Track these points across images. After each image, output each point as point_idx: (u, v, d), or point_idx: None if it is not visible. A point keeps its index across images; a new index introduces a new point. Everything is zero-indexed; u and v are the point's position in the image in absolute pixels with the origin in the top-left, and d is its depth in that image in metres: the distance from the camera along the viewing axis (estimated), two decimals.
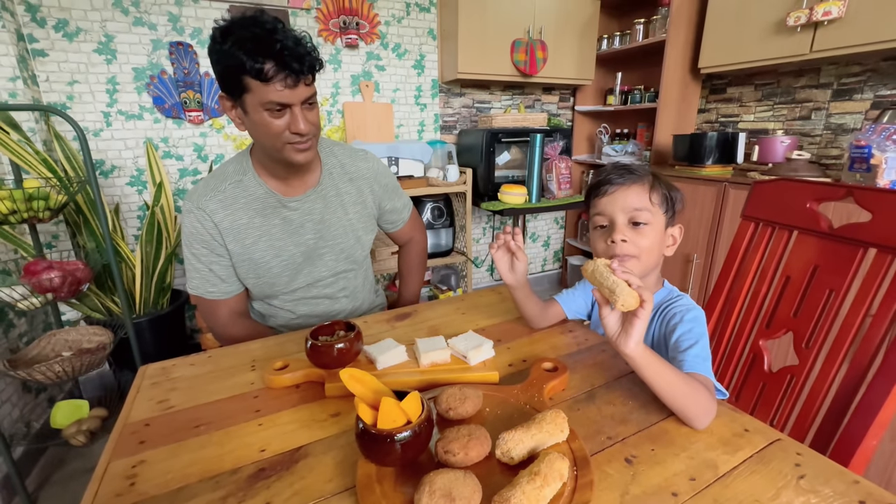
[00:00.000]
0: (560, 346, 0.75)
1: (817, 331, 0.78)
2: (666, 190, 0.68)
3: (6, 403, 1.38)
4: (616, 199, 0.68)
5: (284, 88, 0.71)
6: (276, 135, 0.75)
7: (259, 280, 0.90)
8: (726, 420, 0.55)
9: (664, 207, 0.68)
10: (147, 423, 0.57)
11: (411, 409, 0.44)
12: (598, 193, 0.71)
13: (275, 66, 0.69)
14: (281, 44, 0.68)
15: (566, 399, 0.60)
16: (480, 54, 2.13)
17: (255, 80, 0.69)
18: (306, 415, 0.58)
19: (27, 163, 1.31)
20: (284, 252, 0.89)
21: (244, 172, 0.87)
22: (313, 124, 0.78)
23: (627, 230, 0.67)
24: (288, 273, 0.91)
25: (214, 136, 1.91)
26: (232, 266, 0.88)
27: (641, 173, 0.68)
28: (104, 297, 1.62)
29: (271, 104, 0.72)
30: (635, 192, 0.67)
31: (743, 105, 2.17)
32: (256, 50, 0.67)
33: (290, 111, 0.74)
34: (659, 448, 0.50)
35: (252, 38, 0.67)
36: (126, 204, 1.83)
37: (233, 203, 0.85)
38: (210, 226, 0.84)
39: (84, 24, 1.62)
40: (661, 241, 0.69)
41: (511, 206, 2.03)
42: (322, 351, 0.62)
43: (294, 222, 0.89)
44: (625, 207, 0.67)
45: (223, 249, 0.86)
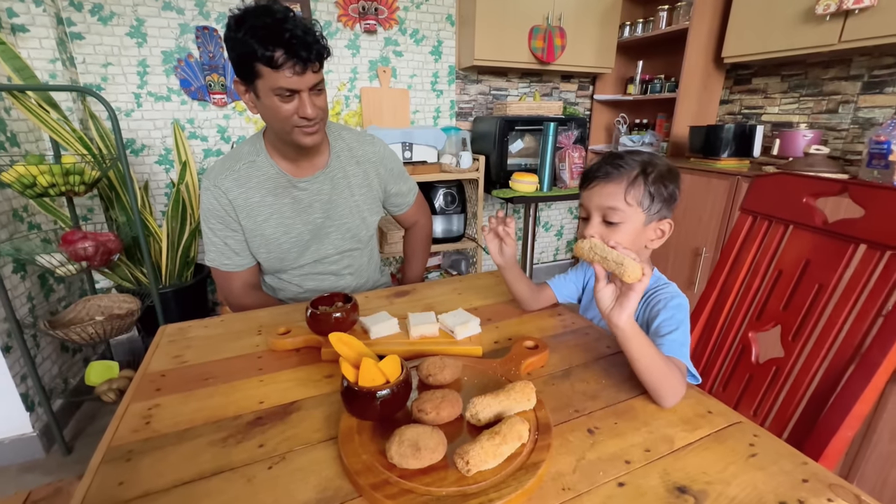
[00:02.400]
0: (546, 328, 0.79)
1: (804, 324, 0.80)
2: (654, 185, 0.67)
3: (47, 360, 1.51)
4: (592, 195, 0.70)
5: (293, 75, 0.75)
6: (286, 118, 0.80)
7: (270, 255, 0.96)
8: (692, 402, 0.58)
9: (645, 204, 0.68)
10: (163, 374, 0.64)
11: (390, 370, 0.49)
12: (582, 184, 0.73)
13: (284, 53, 0.73)
14: (290, 32, 0.72)
15: (542, 375, 0.64)
16: (497, 41, 2.13)
17: (266, 66, 0.74)
18: (303, 375, 0.64)
19: (65, 140, 1.41)
20: (293, 230, 0.95)
21: (257, 154, 0.92)
22: (321, 109, 0.82)
23: (599, 227, 0.70)
24: (296, 249, 0.97)
25: (237, 118, 1.98)
26: (245, 241, 0.95)
27: (626, 168, 0.68)
28: (133, 267, 1.73)
29: (281, 90, 0.76)
30: (610, 190, 0.68)
31: (768, 97, 2.10)
32: (267, 38, 0.72)
33: (299, 97, 0.79)
34: (622, 422, 0.54)
35: (263, 27, 0.72)
36: (154, 181, 1.94)
37: (246, 182, 0.91)
38: (225, 202, 0.90)
39: (117, 7, 1.71)
40: (638, 235, 0.70)
41: (522, 193, 2.04)
42: (320, 319, 0.68)
43: (303, 202, 0.95)
44: (599, 205, 0.69)
45: (237, 225, 0.92)
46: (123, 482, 0.44)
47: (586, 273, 0.87)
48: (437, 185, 2.15)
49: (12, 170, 1.19)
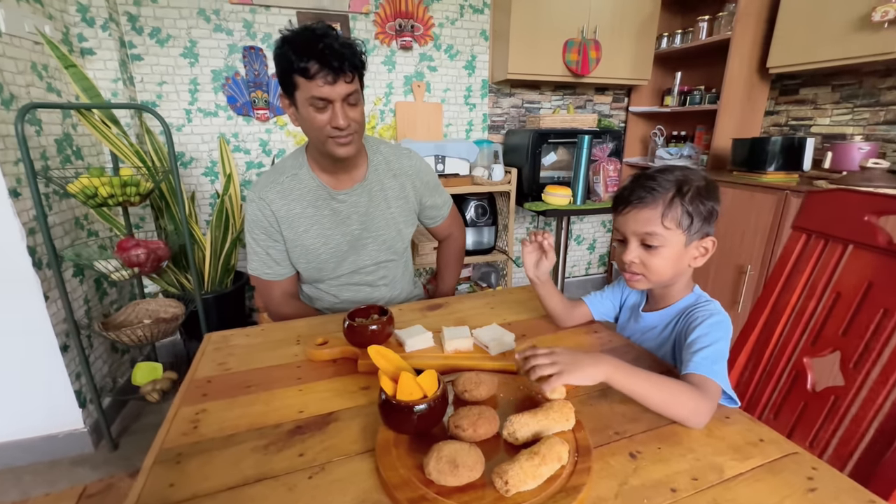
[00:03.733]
0: (583, 345, 0.77)
1: (867, 351, 0.74)
2: (692, 204, 0.65)
3: (98, 360, 1.60)
4: (628, 220, 0.69)
5: (325, 84, 0.79)
6: (319, 128, 0.83)
7: (309, 265, 0.99)
8: (742, 429, 0.55)
9: (685, 225, 0.65)
10: (209, 380, 0.66)
11: (428, 385, 0.49)
12: (615, 210, 0.72)
13: (317, 63, 0.77)
14: (324, 44, 0.77)
15: (579, 394, 0.62)
16: (531, 55, 2.14)
17: (301, 77, 0.78)
18: (340, 386, 0.65)
19: (123, 154, 1.52)
20: (332, 240, 0.98)
21: (300, 167, 0.96)
22: (354, 121, 0.85)
23: (638, 250, 0.68)
24: (334, 260, 1.00)
25: (278, 132, 2.07)
26: (286, 251, 0.98)
27: (661, 190, 0.66)
28: (179, 273, 1.83)
29: (314, 99, 0.80)
30: (646, 216, 0.66)
31: (818, 107, 2.00)
32: (303, 51, 0.77)
33: (332, 107, 0.81)
34: (666, 447, 0.52)
35: (301, 41, 0.77)
36: (200, 192, 2.04)
37: (289, 194, 0.94)
38: (269, 214, 0.94)
39: (173, 31, 1.83)
40: (680, 257, 0.68)
41: (555, 206, 2.02)
42: (357, 331, 0.69)
43: (342, 213, 0.97)
44: (635, 231, 0.68)
45: (279, 235, 0.96)
46: (174, 484, 0.46)
47: (623, 291, 0.84)
48: (469, 198, 2.16)
49: (77, 181, 1.29)
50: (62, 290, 1.30)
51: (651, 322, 0.76)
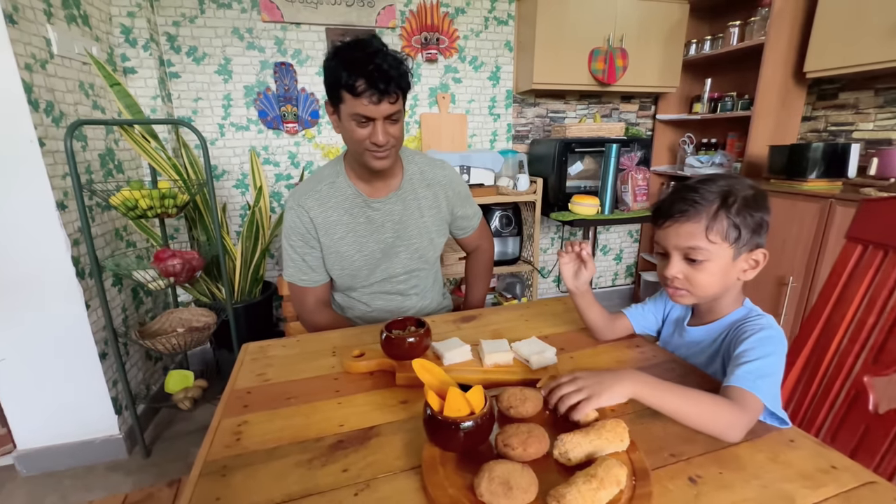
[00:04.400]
0: (626, 360, 0.74)
1: None
2: (739, 216, 0.61)
3: (133, 367, 1.64)
4: (668, 234, 0.65)
5: (370, 104, 0.81)
6: (359, 141, 0.86)
7: (343, 272, 1.01)
8: (810, 454, 0.52)
9: (732, 238, 0.62)
10: (249, 391, 0.66)
11: (475, 401, 0.48)
12: (655, 223, 0.69)
13: (365, 83, 0.79)
14: (374, 65, 0.78)
15: (629, 412, 0.59)
16: (556, 64, 2.13)
17: (348, 93, 0.80)
18: (379, 399, 0.64)
19: (161, 167, 1.57)
20: (366, 248, 0.99)
21: (337, 175, 0.99)
22: (393, 137, 0.87)
23: (681, 265, 0.65)
24: (368, 267, 1.01)
25: (306, 144, 2.12)
26: (322, 258, 1.00)
27: (704, 203, 0.62)
28: (210, 283, 1.87)
29: (358, 116, 0.82)
30: (689, 230, 0.63)
31: (859, 112, 1.92)
32: (353, 68, 0.78)
33: (374, 124, 0.84)
34: (727, 472, 0.49)
35: (352, 58, 0.79)
36: (231, 203, 2.10)
37: (326, 201, 0.97)
38: (307, 220, 0.96)
39: (209, 49, 1.90)
40: (727, 271, 0.64)
41: (582, 216, 1.99)
42: (395, 343, 0.68)
43: (376, 221, 0.99)
44: (677, 245, 0.64)
45: (316, 242, 0.98)
46: (220, 498, 0.46)
47: (666, 304, 0.81)
48: (493, 208, 2.14)
49: (119, 194, 1.34)
50: (103, 299, 1.34)
51: (697, 337, 0.73)
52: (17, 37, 1.17)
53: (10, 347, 1.32)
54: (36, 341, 1.34)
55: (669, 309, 0.81)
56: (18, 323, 1.31)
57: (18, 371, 1.35)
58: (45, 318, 1.33)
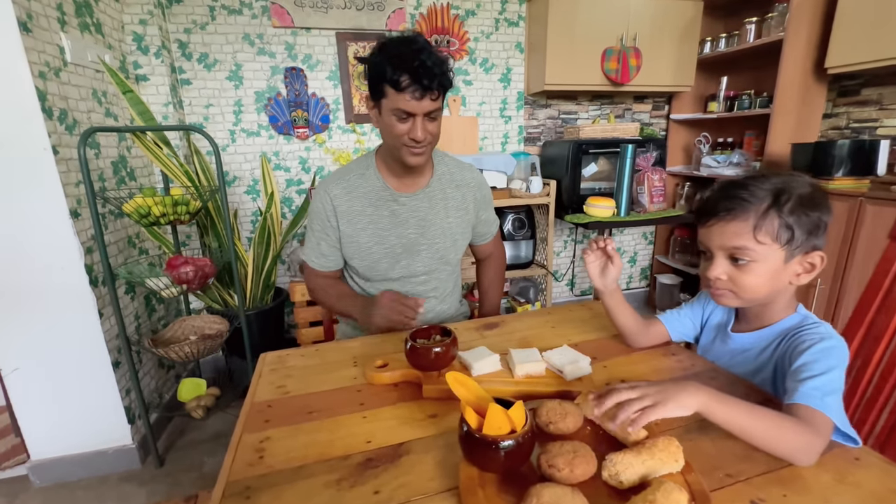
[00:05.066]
0: (662, 369, 0.70)
1: None
2: (793, 216, 0.57)
3: (146, 376, 1.63)
4: (712, 233, 0.62)
5: (412, 99, 0.81)
6: (398, 136, 0.86)
7: (362, 262, 1.01)
8: (878, 473, 0.47)
9: (784, 239, 0.58)
10: (269, 404, 0.64)
11: (516, 418, 0.45)
12: (699, 221, 0.65)
13: (409, 78, 0.79)
14: (419, 62, 0.79)
15: (675, 427, 0.56)
16: (569, 65, 2.10)
17: (391, 87, 0.81)
18: (406, 413, 0.60)
19: (173, 174, 1.56)
20: (387, 241, 0.99)
21: (367, 167, 0.99)
22: (431, 134, 0.87)
23: (725, 265, 0.61)
24: (387, 260, 1.00)
25: (317, 149, 2.10)
26: (337, 247, 1.01)
27: (753, 201, 0.58)
28: (222, 290, 1.85)
29: (399, 111, 0.83)
30: (735, 229, 0.59)
31: (883, 108, 1.86)
32: (398, 64, 0.79)
33: (413, 120, 0.84)
34: (792, 495, 0.45)
35: (399, 54, 0.80)
36: (242, 210, 2.09)
37: (353, 191, 0.97)
38: (329, 208, 0.97)
39: (220, 55, 1.90)
40: (777, 274, 0.60)
41: (597, 219, 1.95)
42: (420, 353, 0.65)
43: (400, 216, 0.99)
44: (722, 245, 0.61)
45: (333, 231, 0.99)
46: None
47: (706, 309, 0.77)
48: (506, 211, 2.11)
49: (132, 201, 1.33)
50: (116, 307, 1.33)
51: (744, 343, 0.69)
52: (31, 45, 1.16)
53: (23, 356, 1.31)
54: (49, 350, 1.33)
55: (709, 314, 0.77)
56: (32, 332, 1.30)
57: (32, 380, 1.33)
58: (58, 327, 1.32)
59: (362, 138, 2.14)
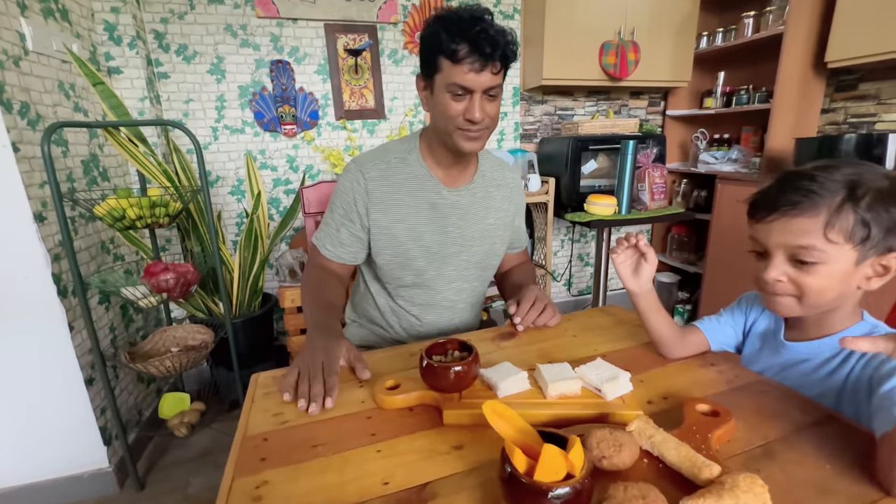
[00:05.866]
0: (704, 383, 0.63)
1: None
2: (871, 211, 0.50)
3: (124, 392, 1.51)
4: (773, 230, 0.55)
5: (470, 72, 0.72)
6: (452, 118, 0.77)
7: (394, 258, 0.89)
8: None
9: (857, 238, 0.51)
10: (265, 437, 0.55)
11: (574, 459, 0.37)
12: (754, 216, 0.58)
13: (468, 47, 0.71)
14: (481, 28, 0.70)
15: (735, 454, 0.49)
16: (566, 59, 2.04)
17: (448, 59, 0.72)
18: (426, 444, 0.52)
19: (151, 173, 1.44)
20: (423, 237, 0.89)
21: (409, 152, 0.89)
22: (489, 116, 0.78)
23: (785, 266, 0.55)
24: (421, 259, 0.90)
25: (305, 147, 2.00)
26: (360, 237, 0.89)
27: (824, 194, 0.51)
28: (206, 297, 1.74)
29: (455, 86, 0.74)
30: (801, 226, 0.52)
31: (882, 103, 1.85)
32: (456, 31, 0.71)
33: (471, 97, 0.75)
34: None
35: (456, 20, 0.71)
36: (226, 211, 1.97)
37: (392, 176, 0.87)
38: (361, 190, 0.86)
39: (200, 47, 1.78)
40: (846, 278, 0.53)
41: (599, 217, 1.89)
42: (438, 373, 0.57)
43: (440, 210, 0.89)
44: (784, 243, 0.54)
45: (358, 217, 0.87)
46: None
47: (749, 315, 0.71)
48: None
49: (105, 203, 1.21)
50: (88, 320, 1.21)
51: (801, 353, 0.62)
52: None
53: None
54: (14, 368, 1.20)
55: (753, 321, 0.70)
56: None
57: None
58: (23, 343, 1.19)
59: (353, 135, 2.04)
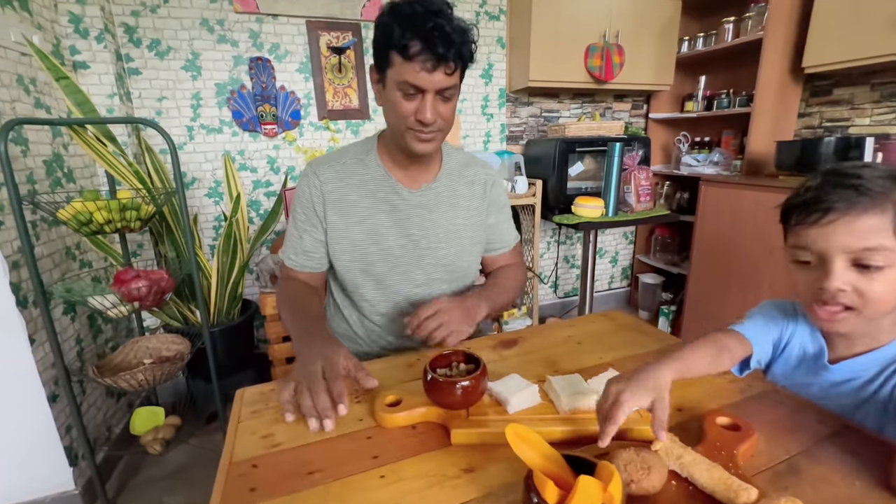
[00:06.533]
0: (719, 393, 0.61)
1: None
2: None
3: (92, 408, 1.41)
4: (831, 233, 0.49)
5: (422, 71, 0.67)
6: (402, 117, 0.72)
7: (353, 263, 0.84)
8: None
9: None
10: (254, 463, 0.50)
11: (614, 491, 0.34)
12: (804, 220, 0.52)
13: (420, 45, 0.65)
14: (434, 24, 0.65)
15: (760, 470, 0.47)
16: (553, 61, 2.03)
17: (399, 55, 0.67)
18: (433, 467, 0.48)
19: (121, 174, 1.35)
20: (384, 241, 0.84)
21: (367, 152, 0.85)
22: (442, 118, 0.73)
23: (849, 273, 0.49)
24: (382, 264, 0.84)
25: (286, 148, 1.93)
26: (323, 243, 0.84)
27: (879, 190, 0.47)
28: (182, 305, 1.65)
29: (405, 84, 0.69)
30: (870, 224, 0.47)
31: (855, 107, 1.91)
32: (408, 26, 0.65)
33: (422, 97, 0.70)
34: None
35: (410, 14, 0.66)
36: (203, 215, 1.88)
37: (348, 177, 0.83)
38: (317, 193, 0.82)
39: (174, 42, 1.69)
40: None
41: (587, 219, 1.89)
42: (444, 388, 0.53)
43: (401, 212, 0.84)
44: (848, 246, 0.48)
45: (319, 222, 0.83)
46: None
47: (784, 330, 0.63)
48: None
49: (70, 206, 1.13)
50: (51, 332, 1.12)
51: (844, 374, 0.57)
52: None
53: None
54: None
55: (788, 337, 0.62)
56: None
57: None
58: None
59: (337, 136, 1.98)
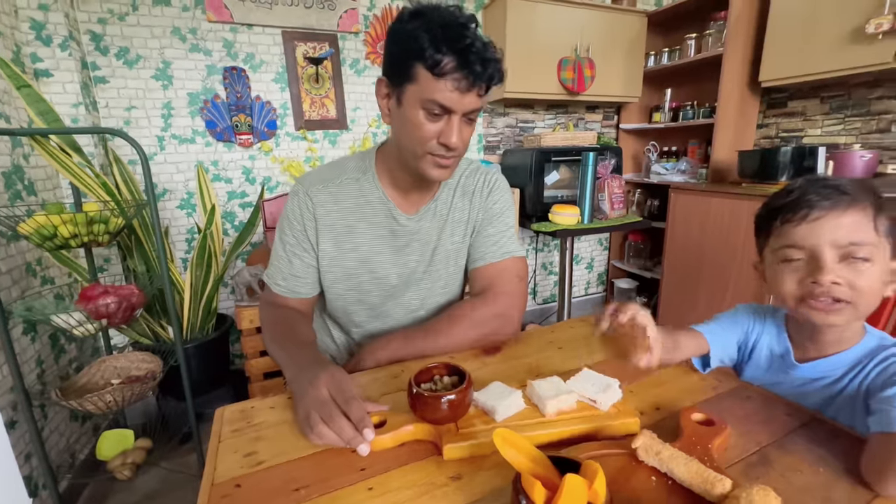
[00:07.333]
0: (693, 390, 0.64)
1: None
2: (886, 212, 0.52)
3: (54, 433, 1.33)
4: (822, 227, 0.52)
5: (455, 91, 0.61)
6: (423, 140, 0.66)
7: (347, 292, 0.80)
8: None
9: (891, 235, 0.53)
10: (238, 483, 0.48)
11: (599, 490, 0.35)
12: (791, 219, 0.55)
13: (456, 61, 0.60)
14: (471, 40, 0.60)
15: (732, 462, 0.49)
16: (527, 73, 2.09)
17: (428, 71, 0.61)
18: (421, 476, 0.48)
19: (87, 186, 1.30)
20: (381, 270, 0.80)
21: (364, 171, 0.79)
22: (465, 143, 0.68)
23: (841, 268, 0.52)
24: (378, 293, 0.81)
25: (262, 158, 1.90)
26: (314, 268, 0.79)
27: (857, 191, 0.52)
28: (152, 321, 1.59)
29: (433, 104, 0.63)
30: (854, 220, 0.52)
31: (807, 119, 2.05)
32: (443, 39, 0.59)
33: (449, 119, 0.64)
34: None
35: (442, 25, 0.60)
36: (175, 227, 1.82)
37: (342, 200, 0.77)
38: (309, 216, 0.76)
39: (144, 51, 1.65)
40: (884, 278, 0.53)
41: (563, 227, 1.93)
42: (430, 404, 0.52)
43: (400, 239, 0.80)
44: (837, 240, 0.52)
45: (311, 246, 0.78)
46: None
47: (750, 330, 0.67)
48: None
49: (31, 220, 1.08)
50: (9, 353, 1.06)
51: (812, 373, 0.60)
52: None
53: None
54: None
55: (755, 338, 0.66)
56: None
57: None
58: None
59: (314, 146, 1.97)
